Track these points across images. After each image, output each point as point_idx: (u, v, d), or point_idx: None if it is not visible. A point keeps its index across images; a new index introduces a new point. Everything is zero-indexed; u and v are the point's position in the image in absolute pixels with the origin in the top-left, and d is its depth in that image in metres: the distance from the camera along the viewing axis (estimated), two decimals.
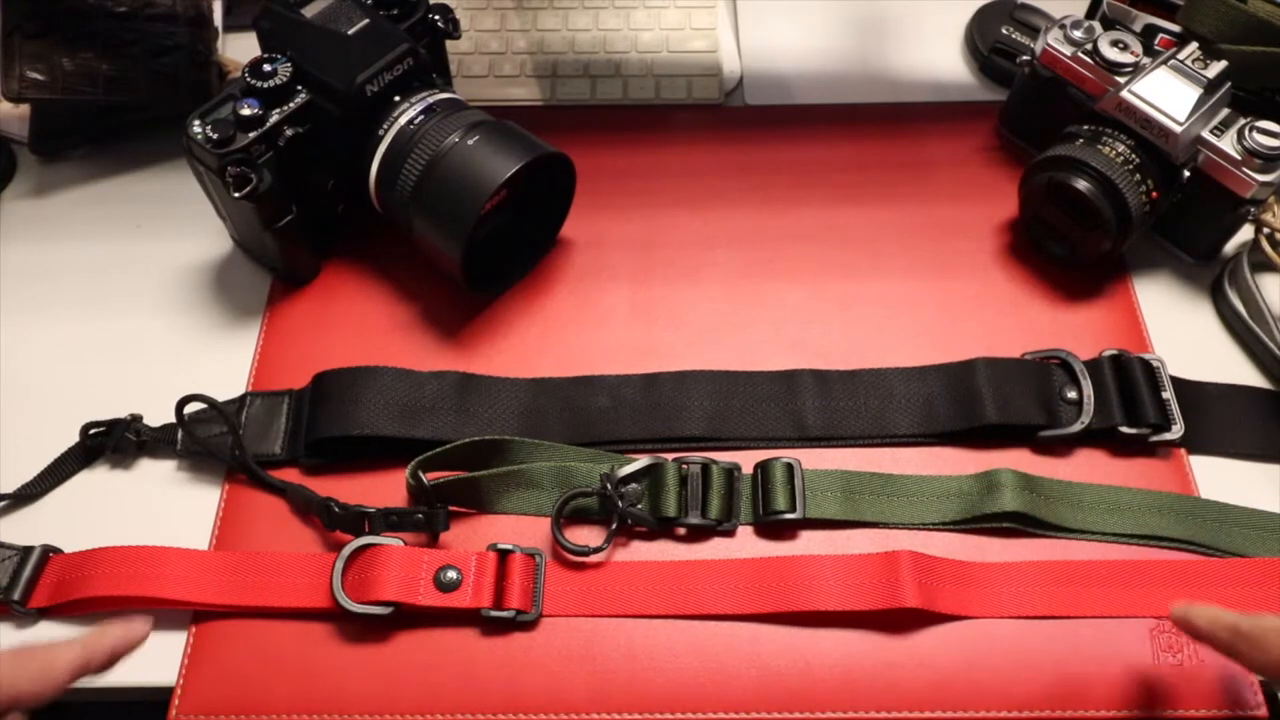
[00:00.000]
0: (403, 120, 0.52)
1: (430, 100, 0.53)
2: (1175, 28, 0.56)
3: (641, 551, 0.49)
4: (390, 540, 0.47)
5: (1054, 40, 0.57)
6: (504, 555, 0.47)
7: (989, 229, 0.60)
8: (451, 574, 0.46)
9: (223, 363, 0.54)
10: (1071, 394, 0.52)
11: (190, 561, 0.47)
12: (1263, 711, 0.44)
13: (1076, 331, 0.55)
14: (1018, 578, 0.47)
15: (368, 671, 0.45)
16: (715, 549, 0.49)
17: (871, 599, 0.45)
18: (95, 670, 0.42)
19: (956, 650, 0.46)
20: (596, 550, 0.48)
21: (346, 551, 0.46)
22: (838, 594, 0.46)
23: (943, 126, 0.64)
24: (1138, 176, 0.53)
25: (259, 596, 0.46)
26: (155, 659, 0.46)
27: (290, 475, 0.51)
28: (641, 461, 0.49)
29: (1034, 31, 0.66)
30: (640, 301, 0.57)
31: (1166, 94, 0.53)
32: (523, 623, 0.46)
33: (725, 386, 0.53)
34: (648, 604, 0.46)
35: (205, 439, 0.50)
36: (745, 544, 0.49)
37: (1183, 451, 0.52)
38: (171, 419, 0.50)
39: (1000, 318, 0.56)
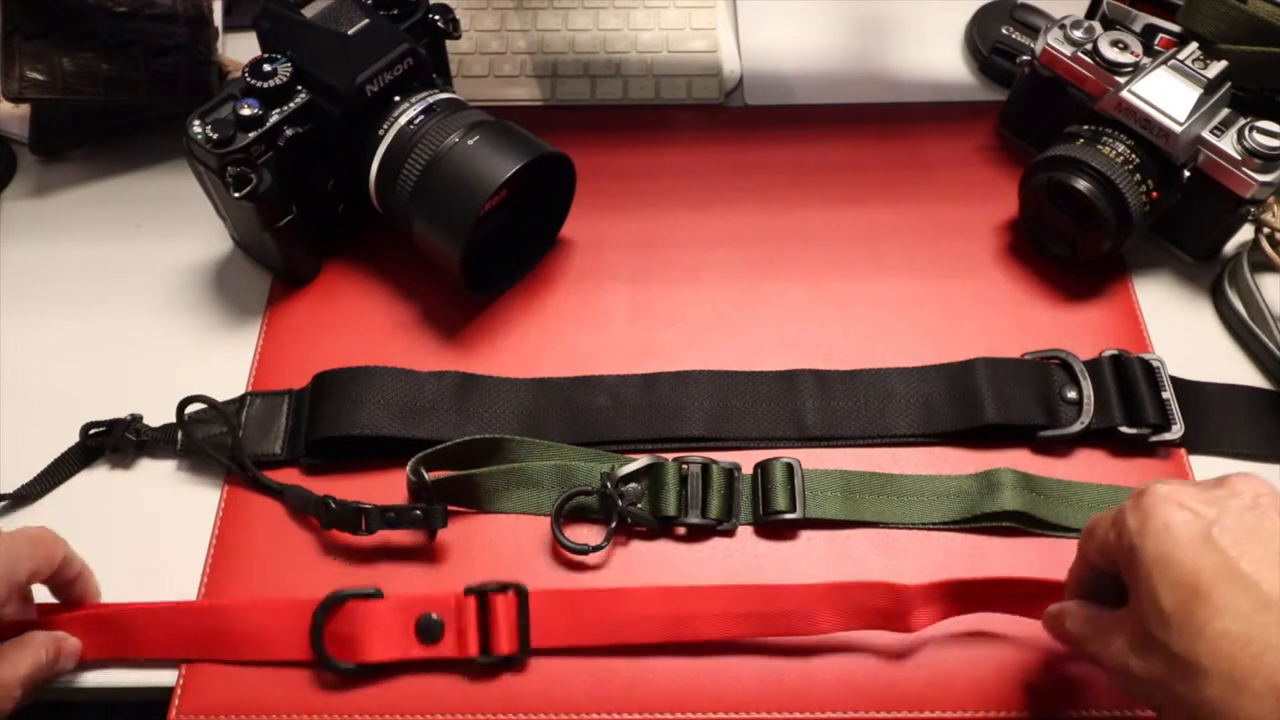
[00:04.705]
0: (403, 120, 0.52)
1: (430, 100, 0.53)
2: (1175, 28, 0.56)
3: (641, 551, 0.49)
4: (363, 591, 0.45)
5: (1054, 40, 0.57)
6: (484, 598, 0.45)
7: (989, 229, 0.60)
8: (433, 618, 0.44)
9: (223, 363, 0.54)
10: (1071, 394, 0.52)
11: (167, 619, 0.46)
12: None
13: (1076, 331, 0.55)
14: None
15: (367, 671, 0.45)
16: (715, 549, 0.49)
17: (873, 621, 0.45)
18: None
19: (956, 650, 0.46)
20: (596, 549, 0.48)
21: (320, 612, 0.44)
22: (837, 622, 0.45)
23: (943, 126, 0.64)
24: (1138, 176, 0.53)
25: (240, 652, 0.45)
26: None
27: (290, 475, 0.51)
28: (641, 461, 0.49)
29: (1034, 31, 0.66)
30: (640, 301, 0.57)
31: (1166, 94, 0.53)
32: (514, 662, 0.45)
33: (725, 386, 0.53)
34: (638, 631, 0.45)
35: (205, 439, 0.50)
36: (745, 544, 0.49)
37: (1183, 451, 0.52)
38: (171, 419, 0.50)
39: (1000, 318, 0.56)
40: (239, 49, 0.65)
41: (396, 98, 0.52)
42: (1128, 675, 0.35)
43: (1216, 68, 0.53)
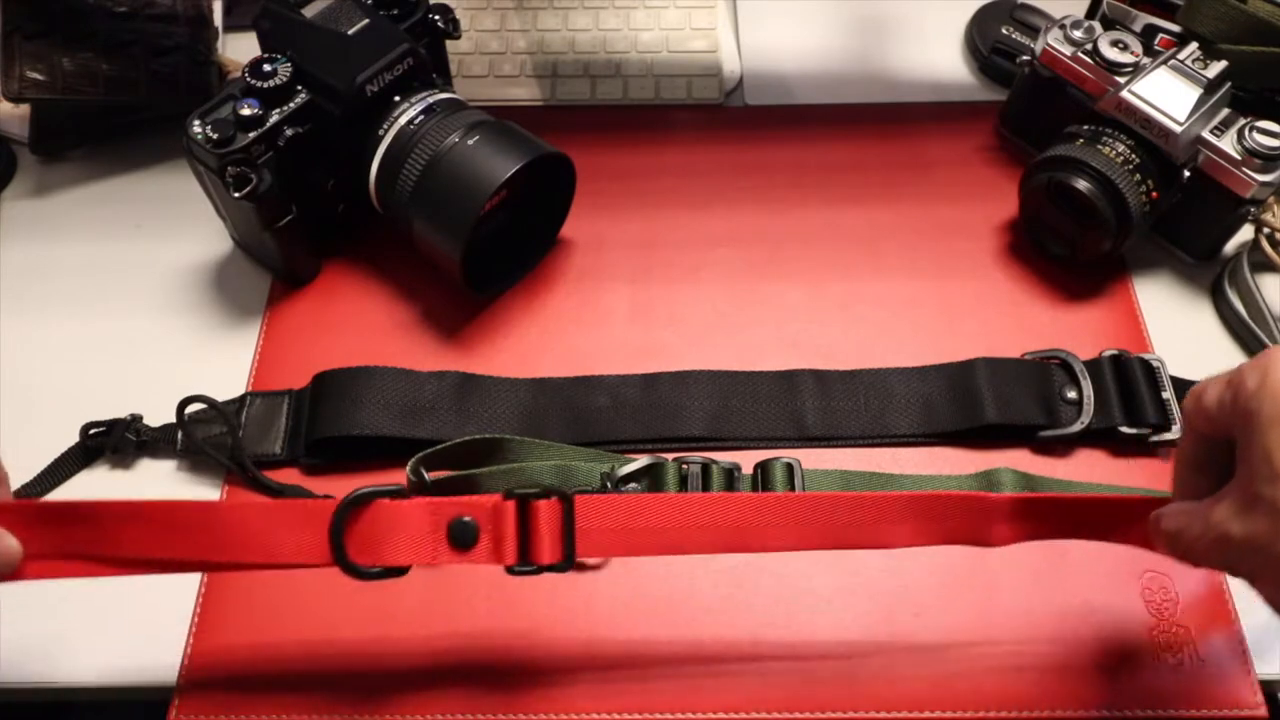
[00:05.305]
0: (403, 120, 0.52)
1: (430, 100, 0.53)
2: (1175, 28, 0.56)
3: None
4: (389, 488, 0.39)
5: (1054, 40, 0.57)
6: (524, 502, 0.40)
7: (989, 229, 0.60)
8: (467, 521, 0.39)
9: (223, 363, 0.54)
10: (1071, 394, 0.52)
11: (154, 518, 0.38)
12: (1263, 711, 0.44)
13: (1076, 331, 0.55)
14: None
15: (366, 671, 0.45)
16: None
17: (953, 534, 0.42)
18: None
19: (956, 650, 0.46)
20: None
21: (341, 511, 0.39)
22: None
23: (943, 126, 0.64)
24: (1138, 176, 0.53)
25: (245, 555, 0.39)
26: (155, 658, 0.46)
27: (290, 475, 0.51)
28: (641, 461, 0.49)
29: (1034, 31, 0.66)
30: (640, 301, 0.57)
31: (1166, 94, 0.53)
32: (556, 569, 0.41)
33: (725, 386, 0.53)
34: (697, 543, 0.41)
35: (205, 439, 0.50)
36: None
37: None
38: (171, 419, 0.50)
39: (1000, 318, 0.56)
40: (239, 49, 0.65)
41: (396, 98, 0.52)
42: (1226, 544, 0.34)
43: (1216, 68, 0.53)
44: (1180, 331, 0.56)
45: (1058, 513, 0.42)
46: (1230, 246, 0.58)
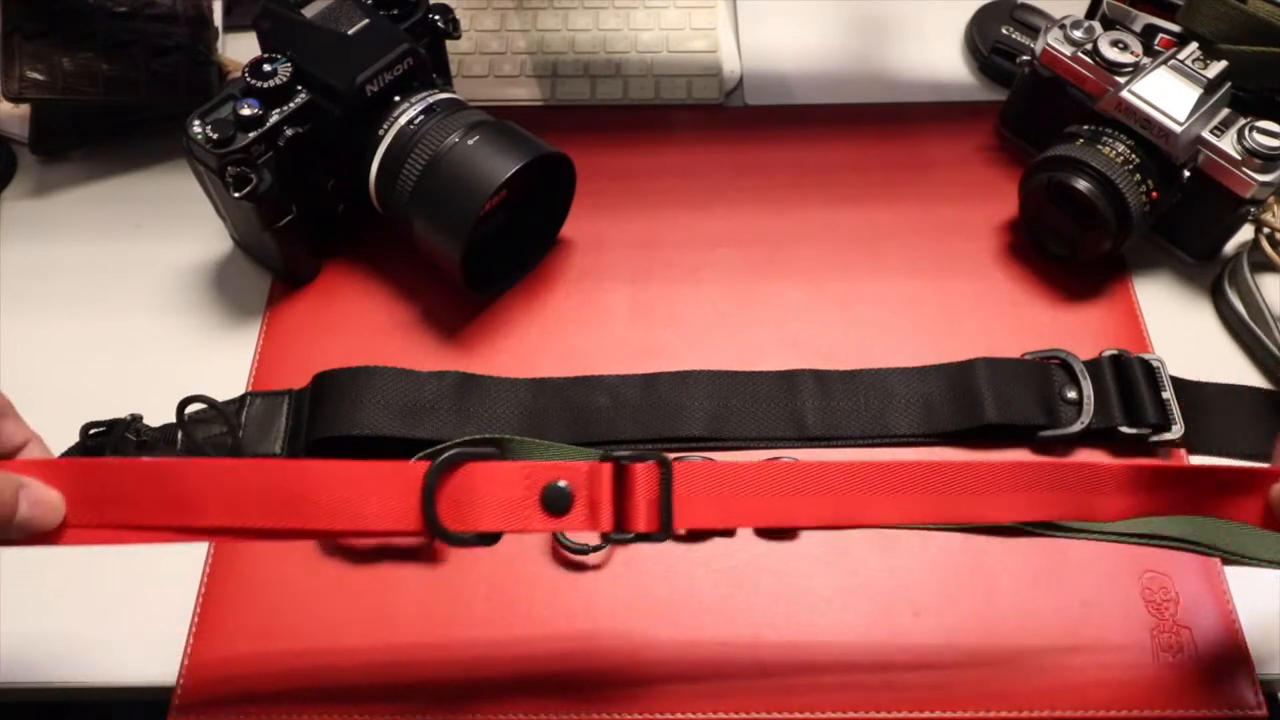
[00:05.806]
0: (403, 120, 0.52)
1: (430, 100, 0.53)
2: (1175, 28, 0.56)
3: (641, 551, 0.49)
4: (482, 451, 0.37)
5: (1054, 40, 0.57)
6: (621, 466, 0.38)
7: (989, 229, 0.60)
8: (561, 486, 0.37)
9: (223, 363, 0.54)
10: (1071, 394, 0.52)
11: (219, 477, 0.35)
12: (1263, 711, 0.44)
13: (1076, 331, 0.55)
14: None
15: (366, 673, 0.45)
16: (715, 548, 0.49)
17: (1062, 507, 0.40)
18: None
19: (957, 650, 0.46)
20: (596, 549, 0.48)
21: (433, 473, 0.36)
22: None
23: (943, 126, 0.64)
24: (1138, 176, 0.53)
25: (327, 521, 0.36)
26: (155, 658, 0.46)
27: None
28: None
29: (1034, 31, 0.66)
30: (640, 301, 0.57)
31: (1166, 94, 0.53)
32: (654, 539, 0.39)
33: (725, 386, 0.53)
34: (800, 513, 0.39)
35: (205, 439, 0.50)
36: (745, 544, 0.49)
37: (1183, 452, 0.52)
38: (171, 419, 0.50)
39: (1000, 318, 0.56)
40: (239, 49, 0.65)
41: (396, 98, 0.52)
42: None
43: (1216, 68, 0.53)
44: (1180, 331, 0.56)
45: (1170, 482, 0.39)
46: (1230, 246, 0.58)
